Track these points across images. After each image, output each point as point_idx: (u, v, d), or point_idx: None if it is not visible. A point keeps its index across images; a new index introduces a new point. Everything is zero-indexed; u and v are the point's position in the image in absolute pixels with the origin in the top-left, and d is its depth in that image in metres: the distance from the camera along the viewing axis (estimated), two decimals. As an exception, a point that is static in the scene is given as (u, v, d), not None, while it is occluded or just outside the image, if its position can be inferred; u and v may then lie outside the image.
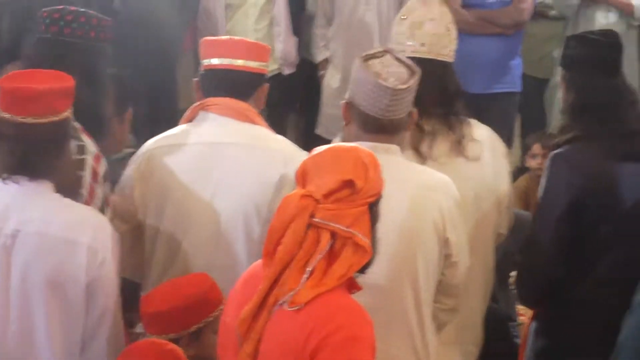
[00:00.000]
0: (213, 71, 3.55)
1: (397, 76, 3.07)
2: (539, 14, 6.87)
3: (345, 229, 2.49)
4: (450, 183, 3.25)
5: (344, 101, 3.19)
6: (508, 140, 6.68)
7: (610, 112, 3.60)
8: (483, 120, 5.61)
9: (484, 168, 3.57)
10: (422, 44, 3.44)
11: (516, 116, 6.94)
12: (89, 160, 3.19)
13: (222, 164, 3.44)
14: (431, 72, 3.40)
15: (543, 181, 3.59)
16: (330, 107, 6.64)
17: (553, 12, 6.97)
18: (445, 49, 3.51)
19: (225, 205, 3.42)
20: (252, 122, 3.51)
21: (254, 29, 6.51)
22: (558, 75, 4.05)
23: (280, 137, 3.62)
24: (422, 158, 3.47)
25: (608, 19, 6.58)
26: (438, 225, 3.16)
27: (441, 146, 3.49)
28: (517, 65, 6.66)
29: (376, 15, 6.45)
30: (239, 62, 3.52)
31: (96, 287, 2.98)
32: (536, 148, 6.18)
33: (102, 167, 3.24)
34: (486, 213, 3.61)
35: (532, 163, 6.21)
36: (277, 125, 4.90)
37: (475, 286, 3.65)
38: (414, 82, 3.09)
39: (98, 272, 2.97)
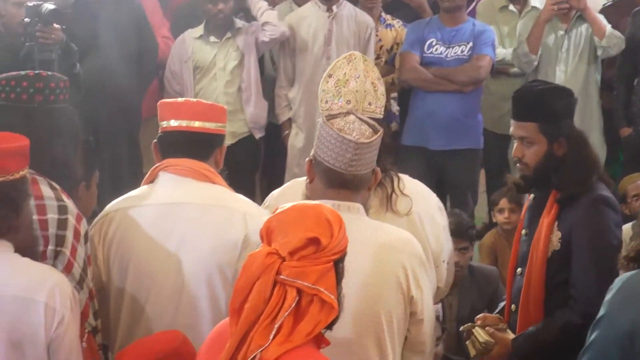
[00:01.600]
0: (171, 133, 3.55)
1: (359, 131, 3.09)
2: (499, 71, 6.93)
3: (311, 285, 2.48)
4: (413, 241, 3.25)
5: (308, 158, 3.19)
6: (473, 196, 6.72)
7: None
8: (445, 176, 5.62)
9: (415, 223, 3.54)
10: (348, 101, 3.46)
11: (480, 172, 6.96)
12: (71, 220, 3.19)
13: (183, 224, 3.43)
14: None
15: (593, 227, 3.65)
16: (296, 166, 6.67)
17: (514, 69, 7.02)
18: (372, 105, 3.52)
19: (187, 264, 3.40)
20: (212, 181, 3.51)
21: (224, 92, 6.58)
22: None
23: (239, 196, 3.60)
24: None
25: (567, 74, 6.65)
26: (402, 284, 3.15)
27: (370, 201, 3.43)
28: (477, 122, 6.71)
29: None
30: (196, 124, 3.52)
31: (57, 347, 2.95)
32: (503, 203, 6.16)
33: (84, 227, 3.25)
34: None
35: (499, 218, 6.20)
36: (242, 186, 4.88)
37: None
38: (377, 138, 3.11)
39: (57, 331, 2.94)
